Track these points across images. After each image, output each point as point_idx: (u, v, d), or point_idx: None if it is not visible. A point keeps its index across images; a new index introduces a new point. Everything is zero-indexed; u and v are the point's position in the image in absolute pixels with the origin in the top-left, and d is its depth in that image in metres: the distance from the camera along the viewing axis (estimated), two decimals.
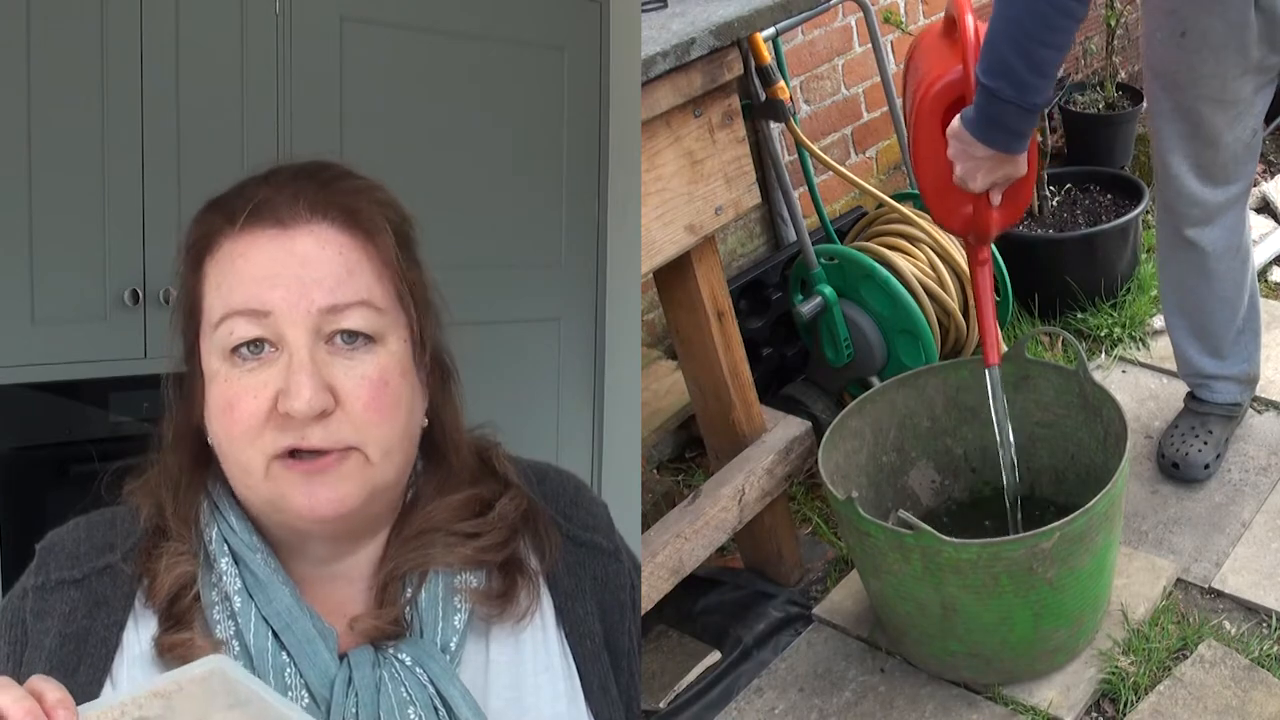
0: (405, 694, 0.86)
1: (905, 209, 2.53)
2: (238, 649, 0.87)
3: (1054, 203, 3.05)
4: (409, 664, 0.87)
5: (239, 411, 0.86)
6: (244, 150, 2.04)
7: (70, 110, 1.90)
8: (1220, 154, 2.11)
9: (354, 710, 0.84)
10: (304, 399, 0.84)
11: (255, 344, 0.87)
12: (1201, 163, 2.14)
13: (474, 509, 0.95)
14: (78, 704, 0.85)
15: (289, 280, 0.87)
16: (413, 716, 0.85)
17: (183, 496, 0.93)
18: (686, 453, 2.65)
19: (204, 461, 0.94)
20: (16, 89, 1.85)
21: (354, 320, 0.88)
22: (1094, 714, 1.89)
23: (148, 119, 1.96)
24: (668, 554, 1.90)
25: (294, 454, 0.86)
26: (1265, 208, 3.33)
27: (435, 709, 0.86)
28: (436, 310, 0.97)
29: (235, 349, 0.87)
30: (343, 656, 0.87)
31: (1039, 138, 2.98)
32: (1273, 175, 3.49)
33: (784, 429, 2.12)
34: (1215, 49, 2.00)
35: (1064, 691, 1.89)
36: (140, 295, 1.96)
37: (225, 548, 0.90)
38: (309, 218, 0.89)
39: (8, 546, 1.86)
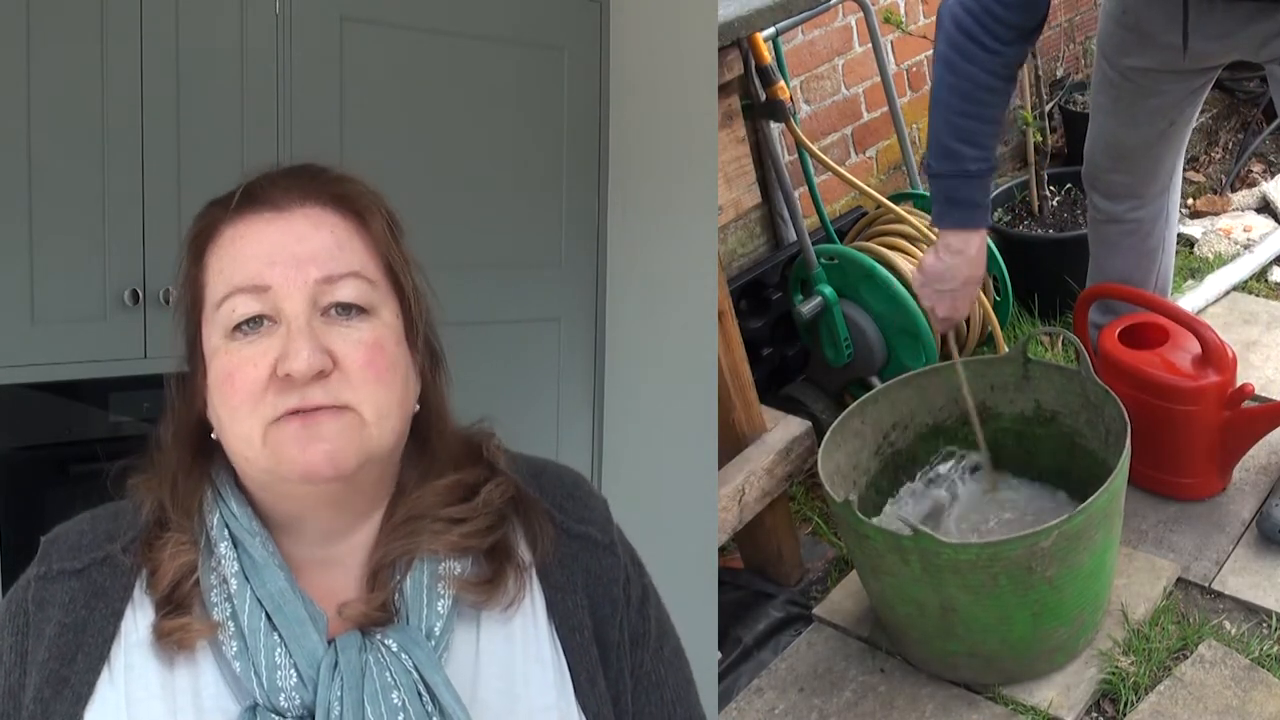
0: (390, 679, 0.88)
1: (903, 210, 2.53)
2: (232, 629, 0.89)
3: (1054, 203, 3.05)
4: (395, 650, 0.89)
5: (239, 380, 0.90)
6: (244, 150, 2.04)
7: (70, 110, 1.90)
8: (1132, 134, 2.19)
9: (339, 693, 0.86)
10: (303, 358, 0.88)
11: (255, 320, 0.91)
12: (1111, 139, 2.23)
13: (459, 494, 0.97)
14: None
15: (285, 257, 0.92)
16: (396, 701, 0.87)
17: (181, 489, 0.95)
18: None
19: (204, 456, 0.96)
20: (16, 89, 1.85)
21: (347, 291, 0.92)
22: (1094, 714, 1.88)
23: (148, 119, 1.96)
24: None
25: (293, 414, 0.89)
26: (1265, 208, 3.33)
27: (419, 694, 0.88)
28: (425, 295, 1.01)
29: (237, 326, 0.91)
30: (332, 641, 0.89)
31: (1038, 138, 2.99)
32: (1273, 175, 3.49)
33: (784, 429, 2.13)
34: (1144, 35, 2.04)
35: (1064, 691, 1.89)
36: (140, 295, 1.96)
37: (225, 532, 0.93)
38: (302, 202, 0.95)
39: (8, 546, 1.86)
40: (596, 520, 1.04)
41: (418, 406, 0.98)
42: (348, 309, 0.92)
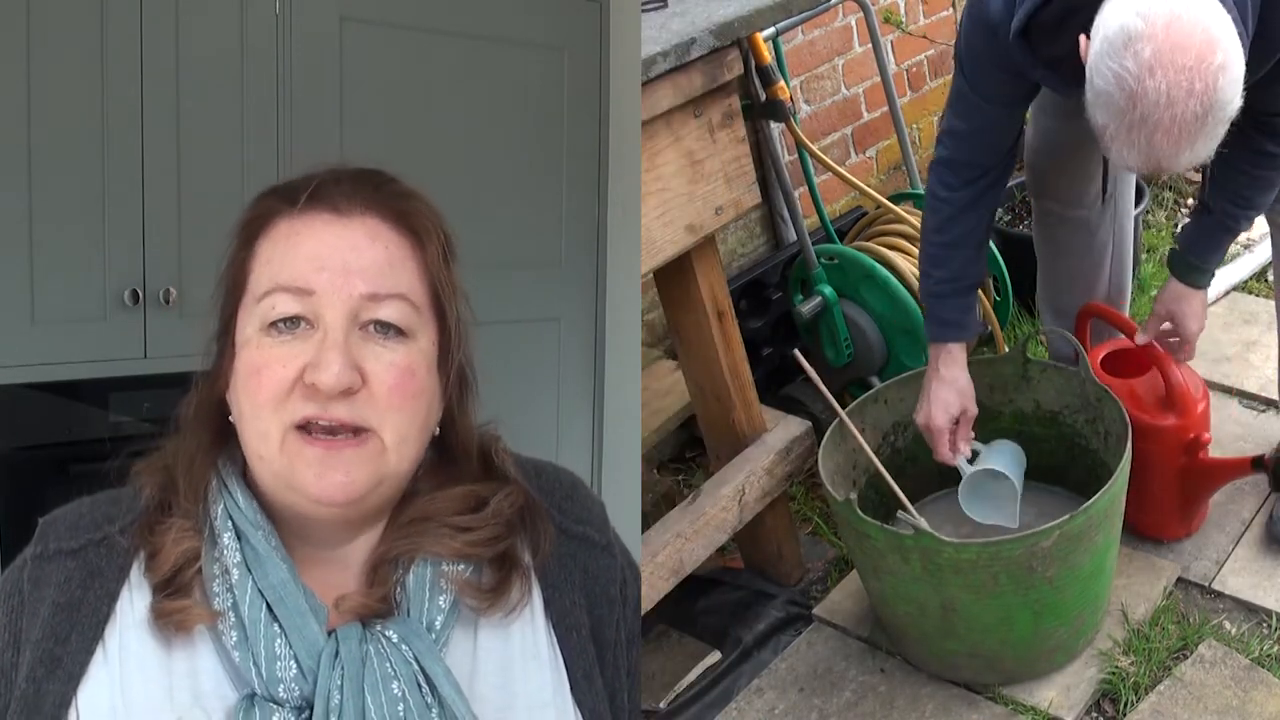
0: (390, 669, 0.88)
1: (903, 210, 2.53)
2: (233, 619, 0.90)
3: None
4: (395, 641, 0.90)
5: (265, 377, 0.90)
6: (244, 150, 2.04)
7: (70, 110, 1.90)
8: (1063, 129, 2.15)
9: (339, 682, 0.87)
10: (333, 372, 0.88)
11: (293, 320, 0.91)
12: (1045, 139, 2.21)
13: (470, 504, 0.97)
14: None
15: (336, 265, 0.91)
16: (395, 690, 0.88)
17: (196, 472, 0.95)
18: (686, 453, 2.65)
19: (220, 440, 0.96)
20: (16, 88, 1.85)
21: (390, 311, 0.92)
22: (1094, 714, 1.89)
23: (147, 119, 1.96)
24: (668, 554, 1.90)
25: (311, 429, 0.89)
26: None
27: (419, 684, 0.88)
28: (466, 324, 1.00)
29: (273, 323, 0.91)
30: (332, 632, 0.90)
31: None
32: None
33: (784, 429, 2.13)
34: None
35: (1064, 691, 1.89)
36: (140, 295, 1.96)
37: (229, 523, 0.93)
38: (364, 211, 0.94)
39: (7, 547, 1.86)
40: (594, 521, 1.04)
41: (438, 430, 0.98)
42: (386, 328, 0.92)
